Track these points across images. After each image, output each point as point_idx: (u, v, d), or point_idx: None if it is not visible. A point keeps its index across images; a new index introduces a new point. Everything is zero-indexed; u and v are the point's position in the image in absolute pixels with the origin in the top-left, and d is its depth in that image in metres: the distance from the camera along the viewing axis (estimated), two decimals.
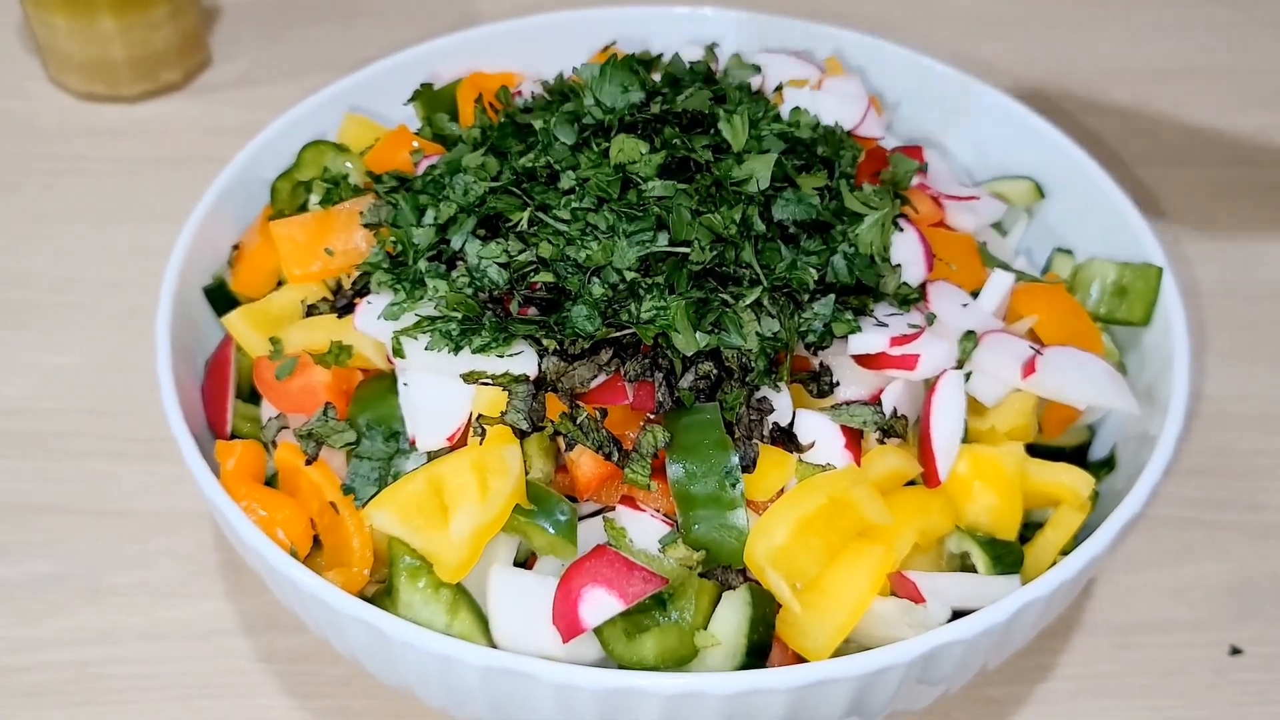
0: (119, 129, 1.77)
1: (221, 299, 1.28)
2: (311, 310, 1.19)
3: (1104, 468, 1.23)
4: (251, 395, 1.24)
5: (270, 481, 1.16)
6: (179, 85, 1.83)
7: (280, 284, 1.25)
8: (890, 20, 1.97)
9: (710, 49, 1.37)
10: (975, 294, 1.20)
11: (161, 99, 1.82)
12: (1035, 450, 1.17)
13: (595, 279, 1.05)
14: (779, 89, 1.30)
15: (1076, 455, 1.25)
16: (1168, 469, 1.09)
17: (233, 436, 1.21)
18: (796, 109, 1.23)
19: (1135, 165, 1.75)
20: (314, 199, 1.30)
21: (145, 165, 1.72)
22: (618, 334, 1.04)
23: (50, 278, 1.57)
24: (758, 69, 1.33)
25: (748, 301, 1.06)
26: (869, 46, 1.48)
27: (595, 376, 1.05)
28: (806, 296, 1.09)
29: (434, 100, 1.39)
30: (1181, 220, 1.68)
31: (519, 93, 1.32)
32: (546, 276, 1.06)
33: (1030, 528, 1.15)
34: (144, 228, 1.62)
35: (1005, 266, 1.25)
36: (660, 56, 1.34)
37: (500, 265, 1.08)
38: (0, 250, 1.60)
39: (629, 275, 1.04)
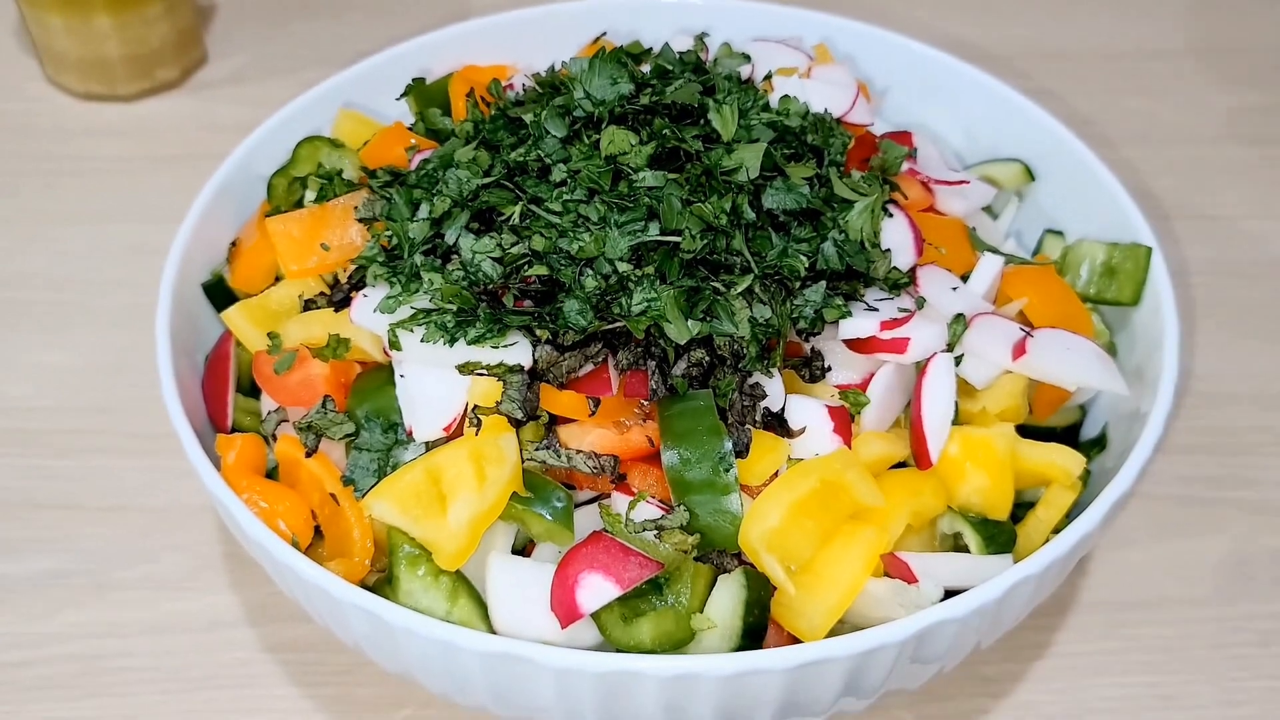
0: (117, 128, 1.78)
1: (220, 295, 1.29)
2: (309, 305, 1.21)
3: (1095, 446, 1.24)
4: (251, 389, 1.25)
5: (271, 474, 1.17)
6: (176, 83, 1.84)
7: (278, 279, 1.26)
8: (878, 4, 1.98)
9: (700, 39, 1.38)
10: (965, 277, 1.21)
11: (158, 97, 1.83)
12: (1027, 431, 1.18)
13: (588, 270, 1.06)
14: (768, 77, 1.31)
15: (1068, 434, 1.26)
16: (1158, 446, 1.10)
17: (233, 430, 1.22)
18: (786, 97, 1.23)
19: (1124, 145, 1.76)
20: (310, 195, 1.31)
21: (143, 163, 1.73)
22: (610, 326, 1.06)
23: (50, 277, 1.59)
24: (747, 58, 1.34)
25: (739, 289, 1.07)
26: (857, 32, 1.49)
27: (582, 366, 1.06)
28: (798, 283, 1.10)
29: (426, 95, 1.40)
30: (1170, 199, 1.69)
31: (510, 85, 1.33)
32: (540, 269, 1.07)
33: (1023, 507, 1.16)
34: (142, 226, 1.63)
35: (995, 250, 1.26)
36: (650, 50, 1.35)
37: (494, 260, 1.09)
38: (0, 251, 1.62)
39: (621, 267, 1.05)
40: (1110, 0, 2.03)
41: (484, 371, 1.06)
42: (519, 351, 1.07)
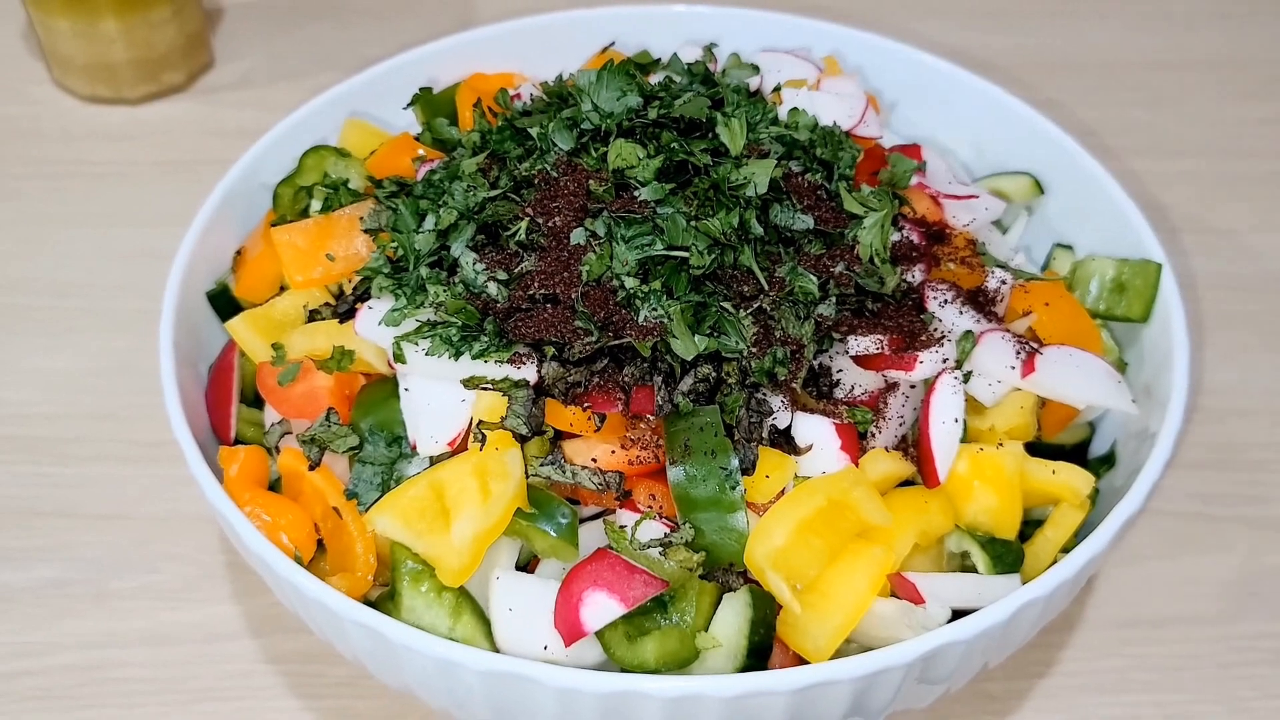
0: (122, 131, 1.78)
1: (225, 304, 1.29)
2: (314, 315, 1.20)
3: (1104, 464, 1.23)
4: (255, 400, 1.25)
5: (274, 486, 1.17)
6: (182, 87, 1.84)
7: (283, 289, 1.26)
8: (887, 15, 1.97)
9: (709, 49, 1.37)
10: (974, 293, 1.20)
11: (165, 101, 1.82)
12: (1035, 448, 1.17)
13: (594, 285, 1.06)
14: (777, 89, 1.30)
15: (1077, 452, 1.25)
16: (1168, 464, 1.09)
17: (236, 441, 1.22)
18: (795, 110, 1.23)
19: (1132, 158, 1.75)
20: (315, 204, 1.30)
21: (149, 168, 1.73)
22: (616, 342, 1.05)
23: (53, 282, 1.58)
24: (756, 69, 1.33)
25: (750, 307, 1.06)
26: (867, 44, 1.49)
27: (588, 381, 1.05)
28: (806, 299, 1.09)
29: (433, 104, 1.39)
30: (1179, 212, 1.68)
31: (518, 95, 1.32)
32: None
33: (1031, 524, 1.15)
34: (147, 231, 1.63)
35: (1004, 265, 1.25)
36: (659, 60, 1.34)
37: (499, 283, 1.08)
38: (3, 255, 1.61)
39: (629, 283, 1.05)
40: (1120, 12, 2.02)
41: (489, 386, 1.06)
42: (524, 366, 1.06)
